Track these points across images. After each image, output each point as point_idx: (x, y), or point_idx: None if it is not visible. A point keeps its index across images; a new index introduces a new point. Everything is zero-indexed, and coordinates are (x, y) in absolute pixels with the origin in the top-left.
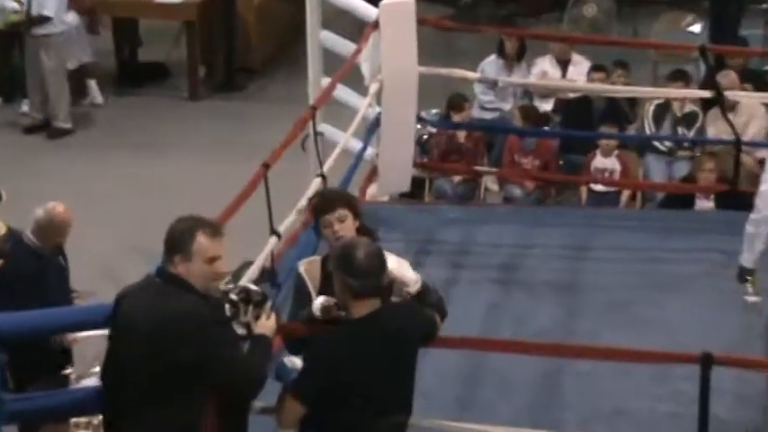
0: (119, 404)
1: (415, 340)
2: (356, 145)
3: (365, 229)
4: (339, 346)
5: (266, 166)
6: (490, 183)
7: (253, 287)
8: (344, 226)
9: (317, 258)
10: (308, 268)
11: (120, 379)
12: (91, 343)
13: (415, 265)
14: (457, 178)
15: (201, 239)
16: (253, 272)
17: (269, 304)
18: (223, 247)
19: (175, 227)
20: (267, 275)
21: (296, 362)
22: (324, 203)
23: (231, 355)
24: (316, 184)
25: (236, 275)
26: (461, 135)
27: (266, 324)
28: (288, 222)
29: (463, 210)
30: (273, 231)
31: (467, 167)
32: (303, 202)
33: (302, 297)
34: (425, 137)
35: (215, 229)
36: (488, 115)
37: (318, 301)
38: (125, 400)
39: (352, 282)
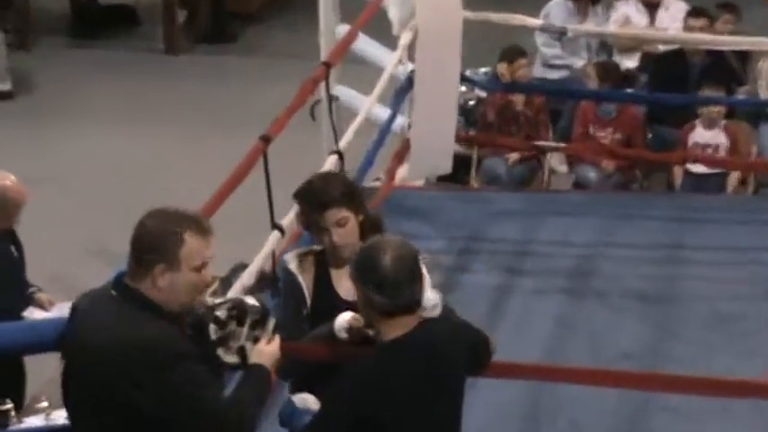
0: None
1: (463, 368)
2: (382, 113)
3: (372, 222)
4: (368, 378)
5: (266, 140)
6: (556, 162)
7: (249, 300)
8: (346, 231)
9: (311, 249)
10: (302, 263)
11: (71, 420)
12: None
13: (459, 271)
14: (513, 156)
15: (191, 242)
16: (248, 278)
17: (271, 323)
18: (213, 249)
19: (153, 226)
20: (267, 282)
21: (308, 400)
22: (313, 202)
23: (209, 399)
24: (330, 163)
25: (226, 282)
26: (519, 100)
27: (266, 350)
28: (293, 214)
29: (521, 198)
30: (275, 225)
31: (526, 142)
32: None
33: (296, 302)
34: (472, 103)
35: (204, 226)
36: (554, 74)
37: (344, 319)
38: None
39: (380, 298)
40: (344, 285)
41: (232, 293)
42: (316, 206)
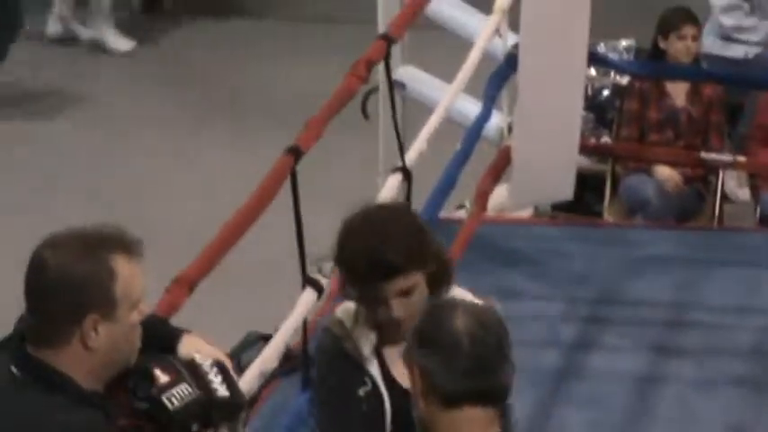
0: None
1: None
2: (468, 108)
3: (440, 275)
4: None
5: (295, 154)
6: (733, 185)
7: (218, 389)
8: (411, 301)
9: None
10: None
11: None
12: None
13: (584, 351)
14: (668, 175)
15: (124, 270)
16: (270, 359)
17: (241, 424)
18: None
19: (65, 263)
20: (291, 366)
21: None
22: (365, 271)
23: None
24: (391, 187)
25: (235, 360)
26: (680, 90)
27: None
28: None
29: (680, 238)
30: (307, 280)
31: (688, 154)
32: None
33: (349, 382)
34: (606, 93)
35: (130, 244)
36: (737, 51)
37: None
38: None
39: (445, 375)
40: (402, 370)
41: (247, 382)
42: (369, 276)
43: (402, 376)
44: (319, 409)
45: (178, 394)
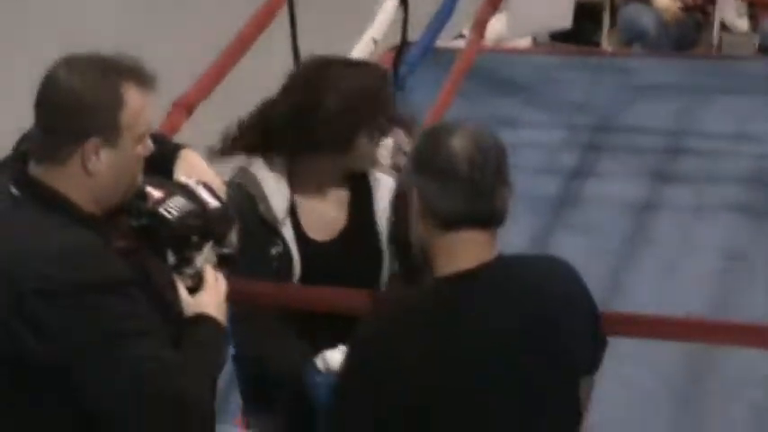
0: None
1: (583, 346)
2: None
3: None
4: (414, 337)
5: None
6: (731, 14)
7: (209, 200)
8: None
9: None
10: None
11: None
12: None
13: (583, 178)
14: (662, 2)
15: (133, 100)
16: None
17: (234, 235)
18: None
19: (75, 81)
20: None
21: (331, 360)
22: (373, 109)
23: (143, 357)
24: (387, 12)
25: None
26: None
27: (210, 291)
28: None
29: (678, 67)
30: None
31: None
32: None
33: (262, 242)
34: None
35: (144, 76)
36: None
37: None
38: None
39: (443, 197)
40: (316, 224)
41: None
42: (371, 123)
43: (316, 231)
44: None
45: (175, 206)
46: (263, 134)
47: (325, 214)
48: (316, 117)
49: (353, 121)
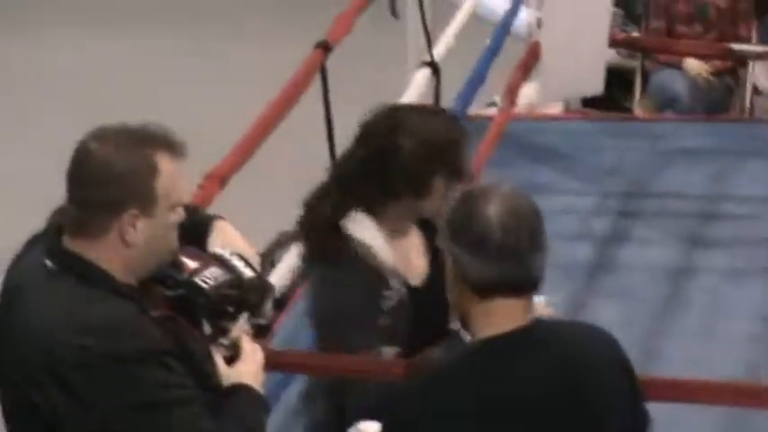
0: None
1: (622, 405)
2: (497, 3)
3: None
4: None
5: (325, 48)
6: (763, 77)
7: (244, 270)
8: None
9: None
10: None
11: None
12: None
13: (617, 244)
14: (697, 67)
15: (167, 169)
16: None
17: (269, 306)
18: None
19: (109, 153)
20: None
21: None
22: (446, 161)
23: (173, 426)
24: (418, 82)
25: (267, 260)
26: None
27: (249, 356)
28: None
29: (709, 131)
30: None
31: (717, 46)
32: None
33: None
34: None
35: (176, 144)
36: None
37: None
38: None
39: (478, 265)
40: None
41: (277, 278)
42: (448, 167)
43: (410, 278)
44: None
45: (211, 276)
46: (340, 190)
47: (413, 261)
48: (395, 161)
49: (431, 164)
